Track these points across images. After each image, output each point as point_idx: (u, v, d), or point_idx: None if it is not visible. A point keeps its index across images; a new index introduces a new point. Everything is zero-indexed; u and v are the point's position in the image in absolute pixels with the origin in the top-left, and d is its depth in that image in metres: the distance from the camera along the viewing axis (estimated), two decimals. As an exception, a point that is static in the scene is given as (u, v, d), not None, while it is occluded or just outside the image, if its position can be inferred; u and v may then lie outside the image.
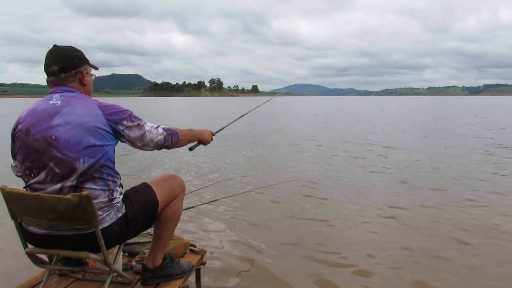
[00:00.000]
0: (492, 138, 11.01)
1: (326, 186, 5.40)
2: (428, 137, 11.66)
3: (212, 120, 20.70)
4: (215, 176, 5.95)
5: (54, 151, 1.57)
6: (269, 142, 10.46)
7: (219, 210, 4.24)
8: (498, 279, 2.66)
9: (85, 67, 1.76)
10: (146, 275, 2.01)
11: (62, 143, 1.57)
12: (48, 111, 1.63)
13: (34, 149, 1.59)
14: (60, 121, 1.59)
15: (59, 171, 1.58)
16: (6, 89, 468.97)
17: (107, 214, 1.66)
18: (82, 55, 1.77)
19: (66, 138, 1.57)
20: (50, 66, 1.71)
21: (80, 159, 1.58)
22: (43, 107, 1.65)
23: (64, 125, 1.58)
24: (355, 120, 19.84)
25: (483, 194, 4.83)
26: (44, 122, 1.60)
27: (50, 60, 1.71)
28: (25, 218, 1.63)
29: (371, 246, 3.23)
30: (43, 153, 1.58)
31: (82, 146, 1.58)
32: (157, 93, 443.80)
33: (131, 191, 1.84)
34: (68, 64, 1.71)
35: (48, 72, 1.72)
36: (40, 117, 1.62)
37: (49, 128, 1.59)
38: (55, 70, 1.70)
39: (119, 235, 1.73)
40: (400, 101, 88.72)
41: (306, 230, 3.65)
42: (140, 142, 1.76)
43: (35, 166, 1.61)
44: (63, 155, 1.57)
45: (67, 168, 1.58)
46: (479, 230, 3.57)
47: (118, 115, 1.69)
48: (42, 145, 1.58)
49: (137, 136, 1.74)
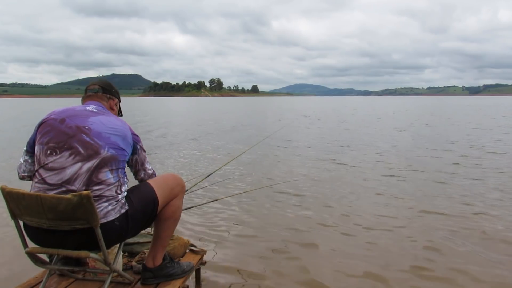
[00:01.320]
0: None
1: (327, 186, 5.40)
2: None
3: (211, 122, 20.70)
4: (215, 176, 5.94)
5: (84, 136, 1.71)
6: (269, 142, 10.45)
7: (219, 210, 4.24)
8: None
9: (117, 101, 2.09)
10: (146, 275, 2.01)
11: (94, 133, 1.73)
12: (86, 112, 1.83)
13: (65, 133, 1.72)
14: (95, 120, 1.79)
15: (83, 152, 1.68)
16: (6, 89, 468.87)
17: (113, 208, 1.70)
18: (118, 93, 2.12)
19: (99, 131, 1.75)
20: (92, 85, 2.02)
21: (106, 147, 1.73)
22: (81, 109, 1.85)
23: (99, 124, 1.78)
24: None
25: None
26: (80, 117, 1.78)
27: (93, 82, 2.05)
28: (25, 218, 1.64)
29: (377, 249, 3.23)
30: (72, 137, 1.71)
31: (110, 140, 1.75)
32: (157, 93, 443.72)
33: (131, 190, 1.86)
34: (108, 89, 2.04)
35: (89, 89, 2.01)
36: (77, 114, 1.80)
37: (84, 121, 1.76)
38: (96, 88, 2.00)
39: (120, 232, 1.74)
40: (404, 101, 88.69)
41: (306, 230, 3.65)
42: (142, 165, 1.99)
43: (60, 146, 1.70)
44: (91, 140, 1.71)
45: (92, 151, 1.69)
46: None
47: (138, 137, 1.97)
48: (74, 131, 1.72)
49: (142, 160, 1.99)
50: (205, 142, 10.78)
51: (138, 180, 2.03)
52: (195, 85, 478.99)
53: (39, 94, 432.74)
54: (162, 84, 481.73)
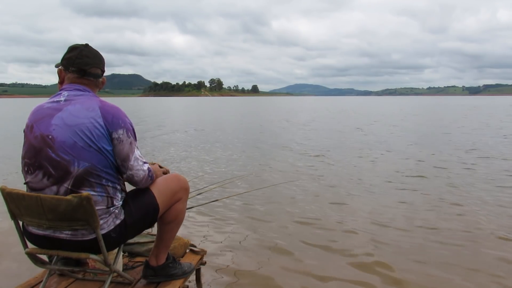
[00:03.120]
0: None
1: (328, 186, 5.40)
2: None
3: (212, 121, 20.69)
4: (216, 176, 5.94)
5: (49, 151, 1.55)
6: (270, 142, 10.46)
7: (219, 210, 4.24)
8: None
9: (102, 75, 1.81)
10: (148, 272, 2.00)
11: (58, 144, 1.54)
12: (52, 108, 1.62)
13: (33, 147, 1.59)
14: (58, 120, 1.58)
15: (54, 172, 1.56)
16: (6, 89, 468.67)
17: (105, 221, 1.62)
18: (102, 59, 1.79)
19: (62, 139, 1.54)
20: (94, 68, 1.71)
21: (75, 163, 1.54)
22: (49, 105, 1.64)
23: (61, 125, 1.56)
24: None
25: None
26: (45, 120, 1.59)
27: (94, 61, 1.72)
28: (25, 218, 1.63)
29: (376, 247, 3.23)
30: (39, 152, 1.57)
31: (77, 148, 1.54)
32: (157, 93, 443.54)
33: (130, 196, 1.76)
34: (104, 69, 1.78)
35: (90, 73, 1.70)
36: (44, 115, 1.61)
37: (48, 126, 1.58)
38: (99, 73, 1.74)
39: (118, 240, 1.72)
40: (405, 101, 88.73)
41: (308, 230, 3.65)
42: (124, 161, 1.64)
43: (32, 163, 1.59)
44: (57, 157, 1.54)
45: (61, 171, 1.55)
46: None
47: (117, 121, 1.62)
48: (39, 143, 1.57)
49: (122, 154, 1.63)
50: (204, 142, 10.78)
51: (128, 181, 1.73)
52: (195, 85, 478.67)
53: (39, 94, 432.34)
54: (162, 84, 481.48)
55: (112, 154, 1.62)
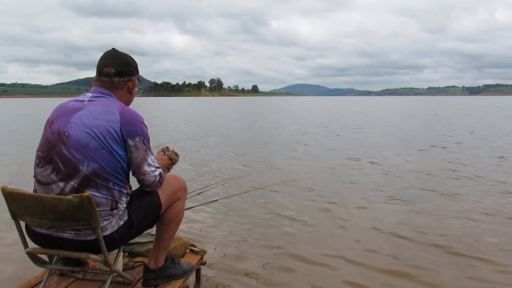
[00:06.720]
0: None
1: (328, 187, 5.40)
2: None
3: (211, 122, 20.68)
4: (215, 176, 5.94)
5: (63, 147, 1.58)
6: (270, 142, 10.47)
7: (219, 210, 4.24)
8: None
9: (136, 77, 1.82)
10: (149, 276, 2.00)
11: (72, 142, 1.58)
12: (74, 107, 1.66)
13: (48, 141, 1.62)
14: (77, 119, 1.62)
15: (63, 169, 1.59)
16: (6, 89, 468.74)
17: (108, 222, 1.64)
18: (137, 65, 1.81)
19: (77, 138, 1.58)
20: (107, 67, 1.73)
21: (85, 162, 1.57)
22: (72, 103, 1.69)
23: (79, 124, 1.60)
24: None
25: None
26: (66, 117, 1.64)
27: (108, 61, 1.74)
28: (25, 218, 1.64)
29: (372, 252, 3.23)
30: (53, 147, 1.60)
31: (89, 148, 1.57)
32: (157, 93, 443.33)
33: (136, 195, 1.79)
34: (125, 70, 1.75)
35: (103, 72, 1.73)
36: (65, 112, 1.66)
37: (66, 124, 1.62)
38: (112, 72, 1.73)
39: (121, 241, 1.73)
40: (406, 101, 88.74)
41: (308, 230, 3.65)
42: (138, 168, 1.70)
43: (44, 157, 1.63)
44: (69, 154, 1.57)
45: (70, 168, 1.58)
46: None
47: (135, 128, 1.65)
48: (55, 138, 1.61)
49: (137, 161, 1.68)
50: (204, 142, 10.78)
51: (138, 183, 1.80)
52: (195, 85, 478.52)
53: (39, 94, 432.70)
54: (162, 84, 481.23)
55: (123, 159, 1.65)
